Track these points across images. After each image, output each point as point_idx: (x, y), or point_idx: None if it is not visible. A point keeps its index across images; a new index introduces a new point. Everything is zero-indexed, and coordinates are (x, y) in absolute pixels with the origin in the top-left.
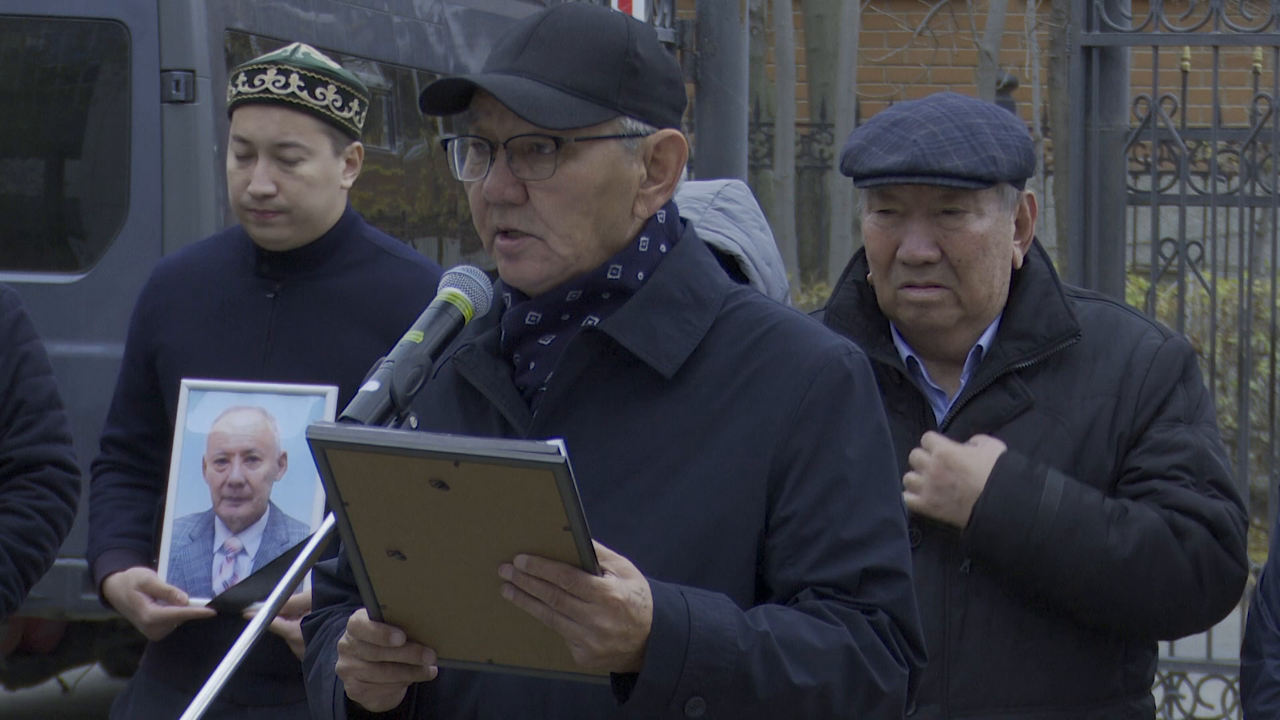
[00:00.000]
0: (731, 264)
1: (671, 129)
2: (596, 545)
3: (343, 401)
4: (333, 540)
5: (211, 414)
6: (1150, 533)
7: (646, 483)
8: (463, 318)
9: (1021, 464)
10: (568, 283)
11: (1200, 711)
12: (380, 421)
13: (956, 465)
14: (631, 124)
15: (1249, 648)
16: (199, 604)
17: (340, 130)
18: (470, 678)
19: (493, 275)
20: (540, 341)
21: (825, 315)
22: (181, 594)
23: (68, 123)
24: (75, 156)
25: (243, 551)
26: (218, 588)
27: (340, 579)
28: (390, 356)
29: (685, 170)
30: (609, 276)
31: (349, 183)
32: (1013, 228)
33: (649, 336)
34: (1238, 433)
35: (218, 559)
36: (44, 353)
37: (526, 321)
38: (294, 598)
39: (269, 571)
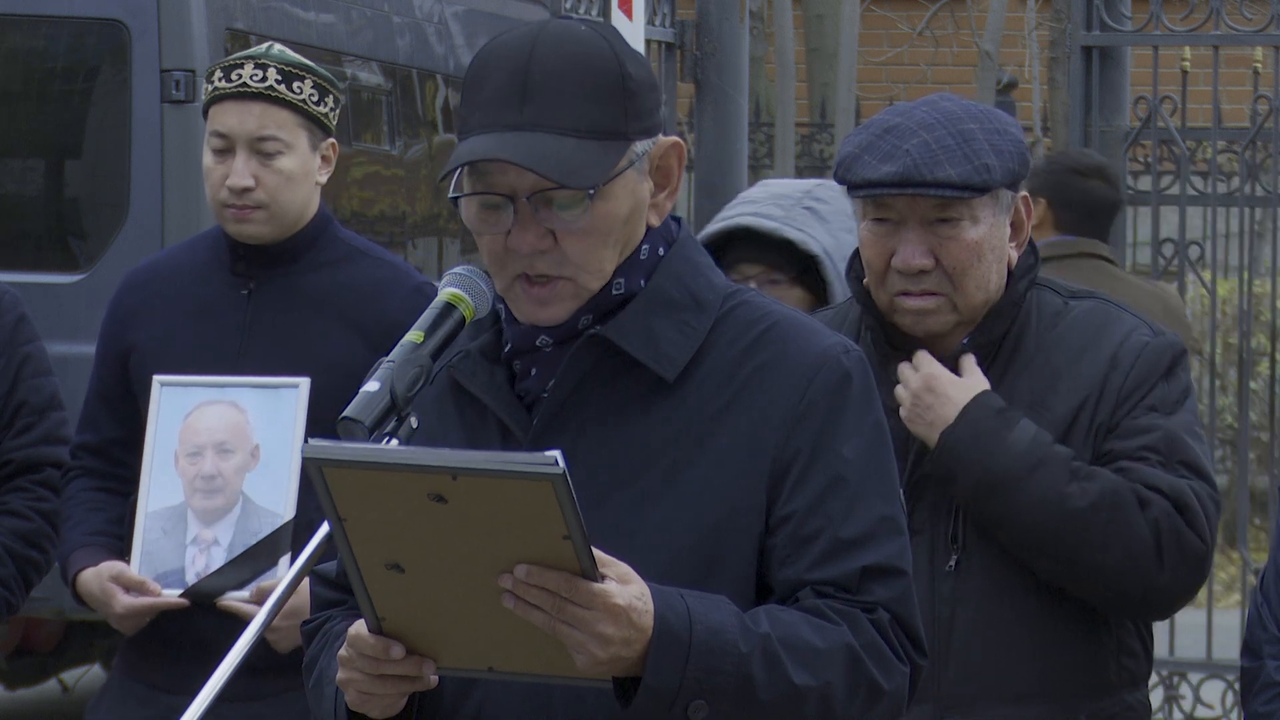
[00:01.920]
0: (811, 263)
1: (669, 137)
2: (596, 552)
3: (314, 395)
4: (330, 545)
5: (184, 408)
6: (1110, 491)
7: (647, 486)
8: (464, 319)
9: (998, 403)
10: (581, 309)
11: (1200, 711)
12: (381, 422)
13: (938, 389)
14: (640, 146)
15: (1249, 648)
16: (171, 595)
17: (316, 125)
18: (473, 682)
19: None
20: (542, 349)
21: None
22: (154, 585)
23: (68, 123)
24: (75, 156)
25: (215, 543)
26: (190, 579)
27: (338, 583)
28: (391, 357)
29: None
30: (614, 293)
31: (324, 179)
32: (1008, 230)
33: (650, 340)
34: (1238, 433)
35: (190, 551)
36: (45, 354)
37: (537, 343)
38: (269, 584)
39: (241, 562)
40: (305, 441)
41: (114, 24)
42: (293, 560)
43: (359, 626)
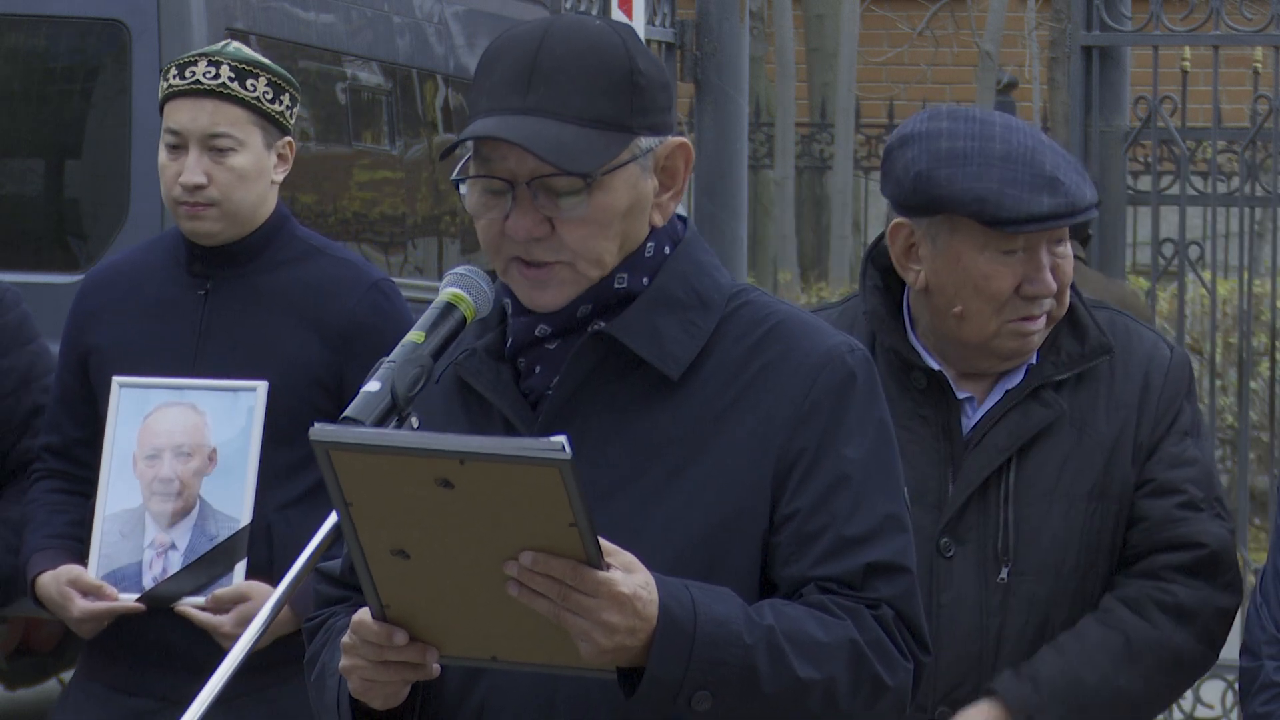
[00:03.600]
0: None
1: (677, 137)
2: (601, 541)
3: (273, 396)
4: (334, 540)
5: (142, 411)
6: (1157, 660)
7: (652, 483)
8: (464, 319)
9: (1024, 699)
10: (579, 298)
11: (1200, 711)
12: (381, 422)
13: None
14: (645, 142)
15: (1248, 649)
16: (129, 599)
17: (271, 123)
18: (477, 675)
19: (493, 275)
20: (546, 346)
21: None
22: (111, 589)
23: (68, 123)
24: (75, 156)
25: (173, 546)
26: (148, 583)
27: (342, 580)
28: (392, 357)
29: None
30: (616, 286)
31: (280, 178)
32: None
33: (655, 339)
34: (1238, 433)
35: (148, 554)
36: (49, 351)
37: (536, 333)
38: (224, 591)
39: (199, 566)
40: (262, 445)
41: (114, 24)
42: (248, 565)
43: (363, 613)
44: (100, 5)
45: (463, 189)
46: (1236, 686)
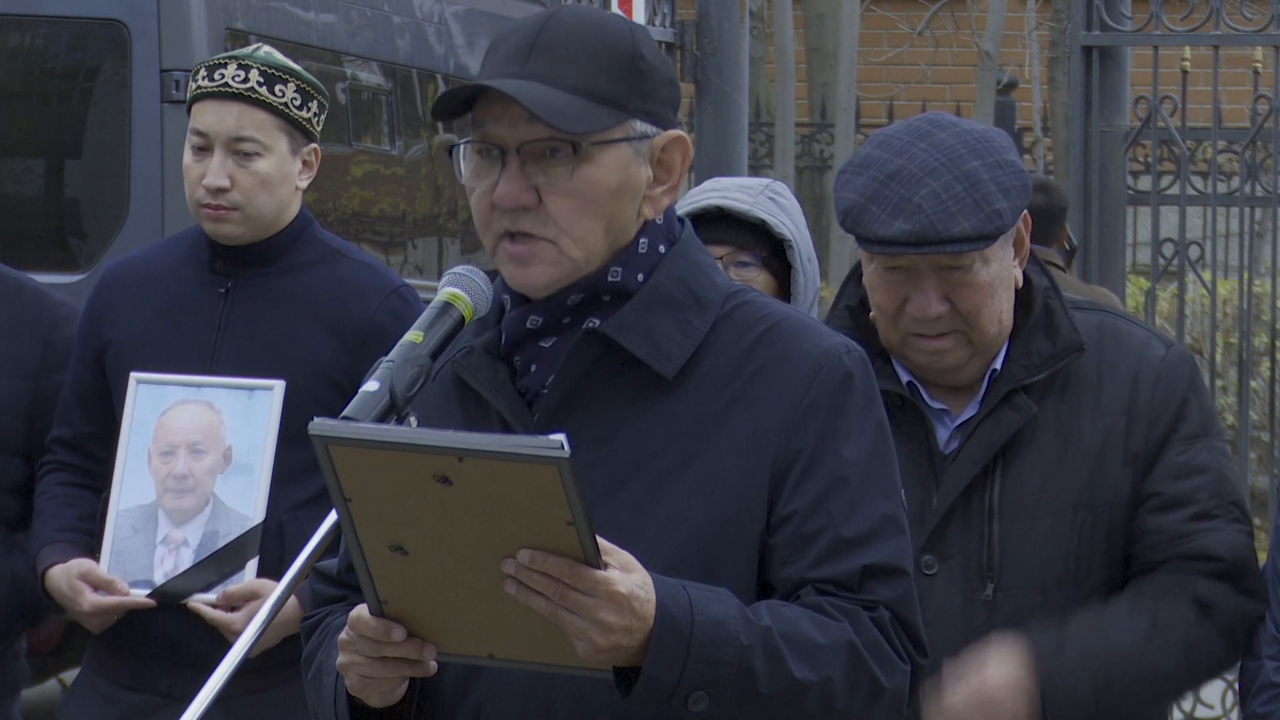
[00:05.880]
0: (777, 248)
1: (676, 130)
2: (599, 539)
3: (290, 397)
4: (333, 540)
5: (159, 407)
6: (1186, 639)
7: (648, 484)
8: (463, 318)
9: (1043, 676)
10: (570, 286)
11: (1200, 711)
12: (380, 421)
13: (992, 700)
14: (641, 126)
15: (1248, 648)
16: (139, 594)
17: (298, 129)
18: (474, 676)
19: (492, 275)
20: (541, 344)
21: None
22: (122, 584)
23: (68, 123)
24: (75, 156)
25: (185, 543)
26: (159, 579)
27: (339, 579)
28: (390, 356)
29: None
30: (609, 279)
31: (304, 184)
32: (1012, 252)
33: (650, 338)
34: (1238, 433)
35: (160, 550)
36: None
37: (528, 325)
38: (235, 588)
39: (209, 563)
40: (277, 445)
41: (114, 24)
42: (260, 563)
43: (360, 609)
44: (100, 5)
45: (459, 162)
46: (1236, 686)
